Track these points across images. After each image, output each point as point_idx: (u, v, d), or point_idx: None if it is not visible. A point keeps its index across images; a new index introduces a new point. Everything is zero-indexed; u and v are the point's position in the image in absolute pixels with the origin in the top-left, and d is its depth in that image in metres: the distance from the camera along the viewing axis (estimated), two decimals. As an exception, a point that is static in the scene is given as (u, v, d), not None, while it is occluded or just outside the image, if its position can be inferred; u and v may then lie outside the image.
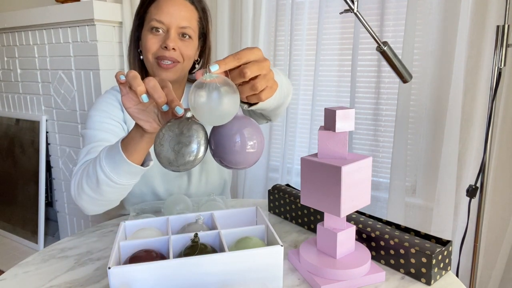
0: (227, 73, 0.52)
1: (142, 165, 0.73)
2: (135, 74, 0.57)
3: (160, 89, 0.57)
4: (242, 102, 0.65)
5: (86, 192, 0.78)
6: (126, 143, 0.69)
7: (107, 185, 0.74)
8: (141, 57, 0.98)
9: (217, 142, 0.54)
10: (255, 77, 0.53)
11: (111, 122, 0.96)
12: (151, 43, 0.92)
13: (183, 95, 1.06)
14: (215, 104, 0.49)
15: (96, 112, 0.96)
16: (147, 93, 0.57)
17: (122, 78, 0.59)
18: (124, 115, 1.00)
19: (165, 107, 0.57)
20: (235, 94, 0.50)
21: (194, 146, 0.53)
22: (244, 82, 0.54)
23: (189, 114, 0.55)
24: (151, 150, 0.79)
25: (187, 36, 0.94)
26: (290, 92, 0.85)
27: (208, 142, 0.56)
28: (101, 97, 1.01)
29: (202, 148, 0.54)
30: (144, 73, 1.01)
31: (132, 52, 1.00)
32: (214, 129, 0.55)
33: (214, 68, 0.49)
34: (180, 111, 0.55)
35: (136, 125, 0.66)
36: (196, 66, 1.06)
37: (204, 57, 1.05)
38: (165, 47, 0.90)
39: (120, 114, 0.99)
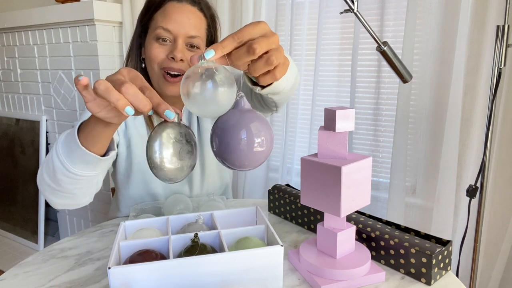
0: (225, 57, 0.47)
1: (104, 155, 0.66)
2: (107, 85, 0.47)
3: (142, 96, 0.48)
4: (254, 85, 0.59)
5: (45, 180, 0.72)
6: (87, 132, 0.61)
7: (62, 174, 0.67)
8: (143, 65, 0.93)
9: (219, 139, 0.47)
10: (266, 52, 0.47)
11: None
12: (157, 53, 0.86)
13: None
14: (209, 95, 0.44)
15: None
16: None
17: (82, 79, 0.48)
18: (126, 123, 0.94)
19: (150, 113, 0.49)
20: (232, 83, 0.46)
21: (191, 155, 0.50)
22: (254, 60, 0.47)
23: (178, 119, 0.50)
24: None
25: (195, 47, 0.88)
26: (297, 72, 0.77)
27: (210, 140, 0.51)
28: None
29: (197, 155, 0.51)
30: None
31: (134, 60, 0.94)
32: (216, 125, 0.49)
33: (210, 54, 0.44)
34: (171, 115, 0.48)
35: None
36: None
37: None
38: (172, 58, 0.85)
39: (122, 124, 0.94)
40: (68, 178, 0.68)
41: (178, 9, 0.86)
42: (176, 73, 0.87)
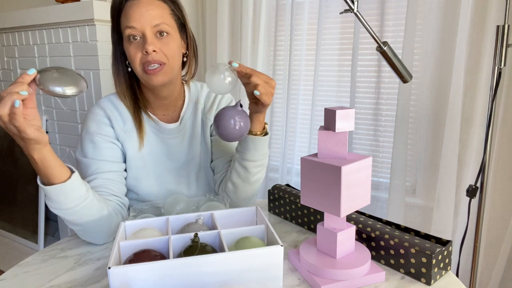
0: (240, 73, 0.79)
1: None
2: None
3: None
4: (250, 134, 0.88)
5: (71, 228, 0.83)
6: (41, 173, 0.73)
7: (63, 217, 0.78)
8: (129, 69, 0.96)
9: (219, 122, 0.79)
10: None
11: (104, 145, 0.93)
12: (134, 53, 0.89)
13: (185, 105, 1.02)
14: (221, 80, 0.77)
15: (87, 135, 0.93)
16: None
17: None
18: (115, 131, 0.96)
19: (17, 103, 0.67)
20: (235, 83, 0.78)
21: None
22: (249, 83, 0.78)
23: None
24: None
25: (164, 34, 0.90)
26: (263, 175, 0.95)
27: None
28: (90, 114, 0.97)
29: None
30: (135, 83, 0.98)
31: (120, 70, 0.97)
32: (219, 114, 0.80)
33: (235, 64, 0.77)
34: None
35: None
36: (185, 59, 1.00)
37: (190, 47, 1.00)
38: (146, 52, 0.88)
39: (111, 131, 0.95)
40: (70, 216, 0.78)
41: (136, 5, 0.90)
42: (153, 65, 0.89)
